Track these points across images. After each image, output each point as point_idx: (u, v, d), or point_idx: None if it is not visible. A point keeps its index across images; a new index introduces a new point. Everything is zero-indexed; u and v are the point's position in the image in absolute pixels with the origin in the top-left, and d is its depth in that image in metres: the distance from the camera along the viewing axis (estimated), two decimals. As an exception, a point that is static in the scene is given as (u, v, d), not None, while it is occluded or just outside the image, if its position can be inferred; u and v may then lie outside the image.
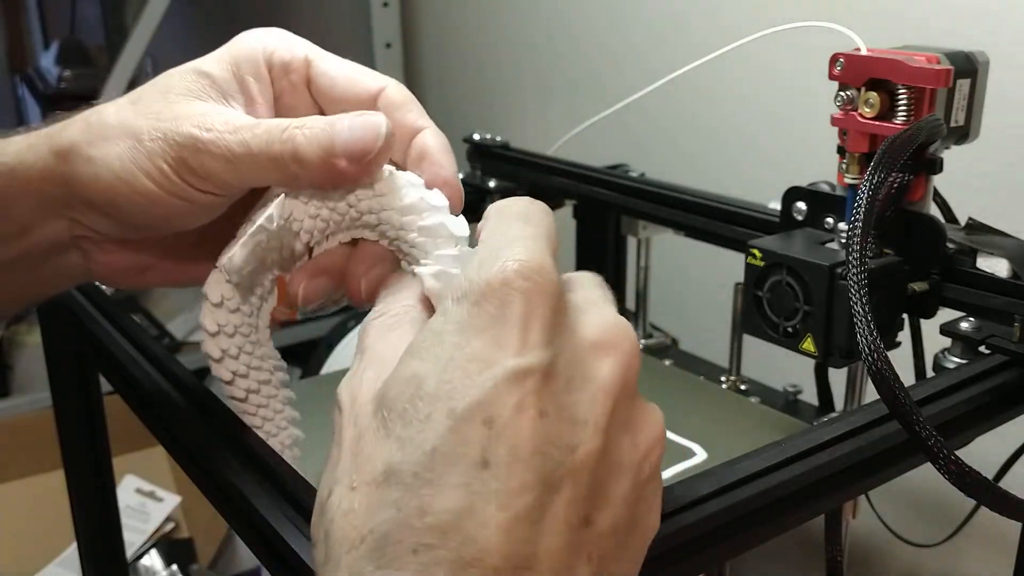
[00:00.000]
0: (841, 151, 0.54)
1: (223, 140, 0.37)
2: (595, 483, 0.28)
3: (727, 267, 0.76)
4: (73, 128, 0.39)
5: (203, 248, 0.43)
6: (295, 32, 0.43)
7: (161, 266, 0.43)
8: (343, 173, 0.37)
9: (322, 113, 0.42)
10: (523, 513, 0.27)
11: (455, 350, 0.28)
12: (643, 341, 0.81)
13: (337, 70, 0.42)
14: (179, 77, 0.40)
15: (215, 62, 0.41)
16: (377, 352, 0.33)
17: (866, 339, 0.41)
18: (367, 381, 0.31)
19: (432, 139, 0.41)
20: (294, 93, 0.42)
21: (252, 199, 0.41)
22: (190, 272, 0.44)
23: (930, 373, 0.54)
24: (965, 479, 0.39)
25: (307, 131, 0.37)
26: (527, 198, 0.33)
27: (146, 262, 0.43)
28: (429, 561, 0.26)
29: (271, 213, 0.38)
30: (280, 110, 0.42)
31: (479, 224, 0.33)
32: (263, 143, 0.37)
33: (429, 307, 0.35)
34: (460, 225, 0.38)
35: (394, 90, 0.41)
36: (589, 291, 0.32)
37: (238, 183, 0.39)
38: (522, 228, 0.31)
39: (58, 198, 0.39)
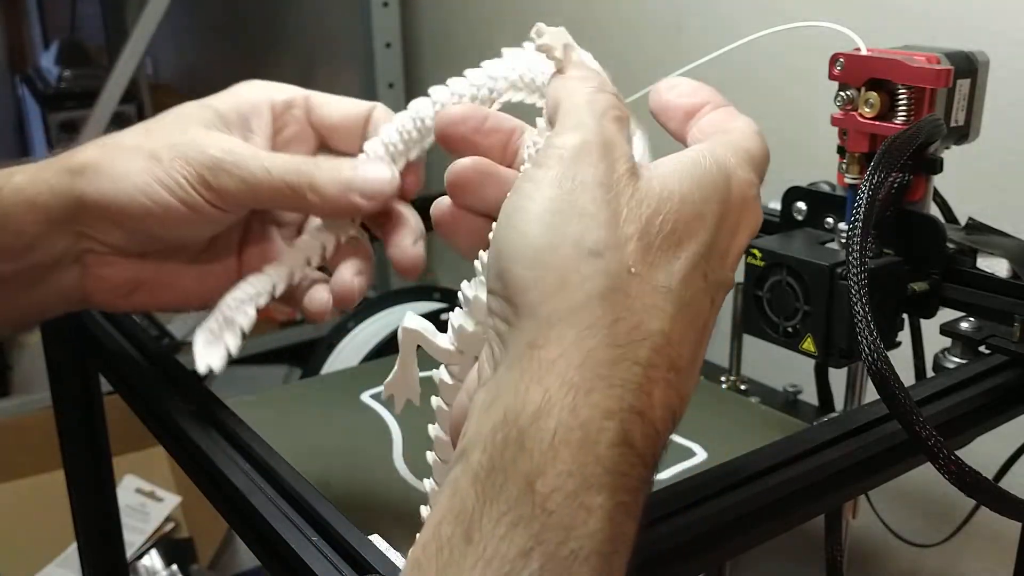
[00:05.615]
0: (841, 151, 0.54)
1: (244, 163, 0.41)
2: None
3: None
4: (88, 150, 0.42)
5: (192, 272, 0.46)
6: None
7: (153, 283, 0.45)
8: (358, 206, 0.42)
9: (322, 140, 0.48)
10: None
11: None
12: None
13: (332, 100, 0.48)
14: (187, 108, 0.44)
15: (219, 99, 0.45)
16: None
17: (866, 339, 0.41)
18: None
19: None
20: (297, 124, 0.47)
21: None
22: (177, 295, 0.46)
23: (930, 373, 0.55)
24: (965, 479, 0.39)
25: (324, 167, 0.42)
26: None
27: (140, 277, 0.45)
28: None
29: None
30: (281, 143, 0.47)
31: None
32: (282, 170, 0.42)
33: None
34: None
35: (381, 111, 0.47)
36: None
37: (252, 203, 0.43)
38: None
39: (68, 212, 0.41)
